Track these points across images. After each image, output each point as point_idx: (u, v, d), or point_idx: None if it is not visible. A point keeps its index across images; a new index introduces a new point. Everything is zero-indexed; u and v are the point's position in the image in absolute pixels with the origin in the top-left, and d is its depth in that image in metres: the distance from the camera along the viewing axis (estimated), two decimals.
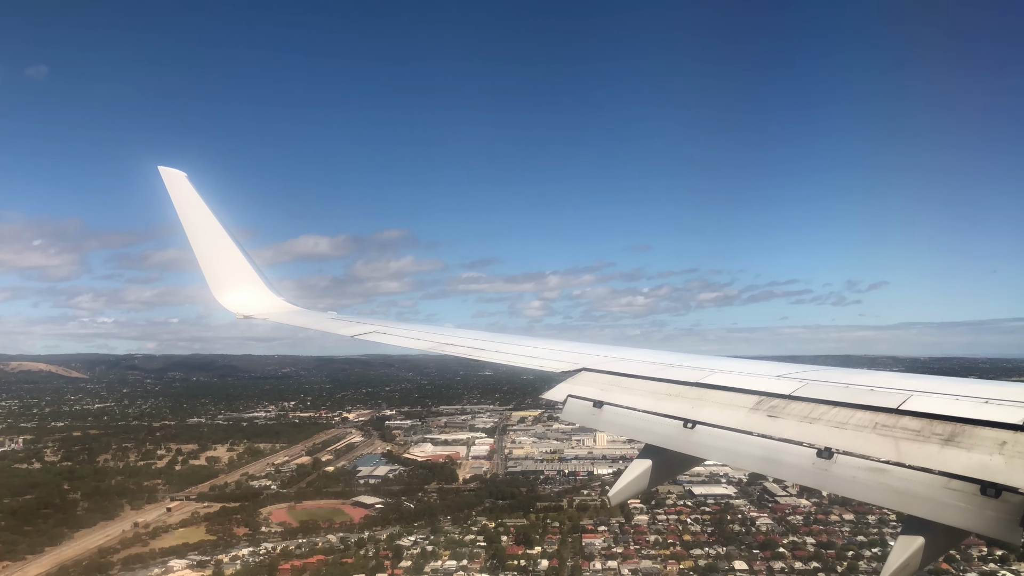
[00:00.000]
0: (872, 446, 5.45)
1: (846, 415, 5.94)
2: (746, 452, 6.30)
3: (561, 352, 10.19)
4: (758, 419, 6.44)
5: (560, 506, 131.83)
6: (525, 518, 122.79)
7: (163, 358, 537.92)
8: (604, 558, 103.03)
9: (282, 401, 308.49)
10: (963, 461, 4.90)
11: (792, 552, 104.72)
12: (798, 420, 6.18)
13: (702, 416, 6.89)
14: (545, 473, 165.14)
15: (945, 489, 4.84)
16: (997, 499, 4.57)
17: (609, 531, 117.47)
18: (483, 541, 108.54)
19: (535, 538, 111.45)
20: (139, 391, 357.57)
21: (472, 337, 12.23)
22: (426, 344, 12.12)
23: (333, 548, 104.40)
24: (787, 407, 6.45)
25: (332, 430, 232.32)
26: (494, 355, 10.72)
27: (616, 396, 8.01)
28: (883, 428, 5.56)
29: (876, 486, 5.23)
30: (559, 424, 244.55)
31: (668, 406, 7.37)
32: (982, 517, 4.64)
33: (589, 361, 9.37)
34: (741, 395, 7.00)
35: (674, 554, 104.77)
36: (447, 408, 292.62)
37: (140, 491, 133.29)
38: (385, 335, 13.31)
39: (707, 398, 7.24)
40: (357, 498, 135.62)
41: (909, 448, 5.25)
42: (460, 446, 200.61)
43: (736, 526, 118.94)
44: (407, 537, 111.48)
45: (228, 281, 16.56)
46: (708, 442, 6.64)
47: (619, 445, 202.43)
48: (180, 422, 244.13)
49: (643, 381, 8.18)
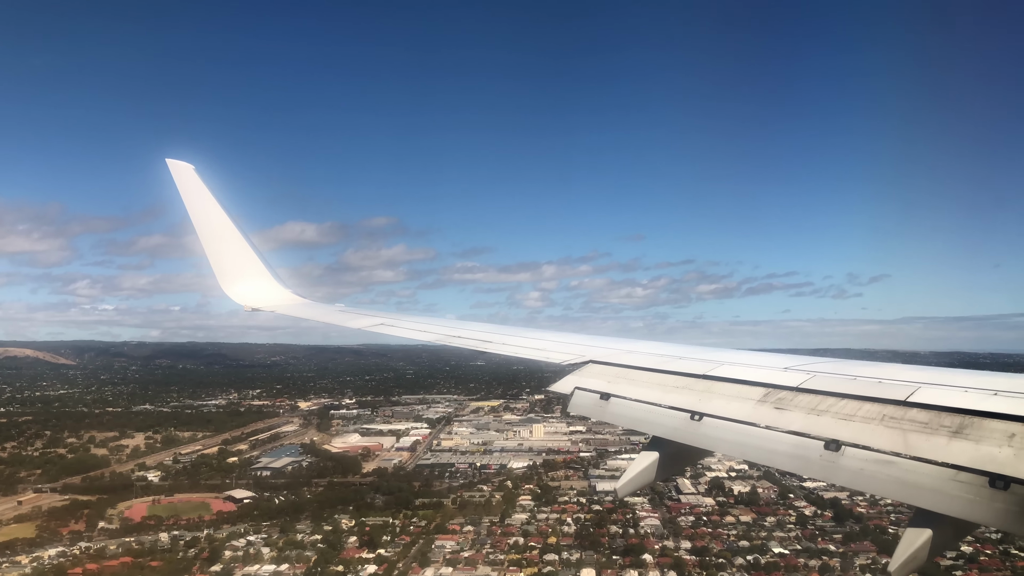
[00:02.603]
0: (880, 438, 5.40)
1: (854, 407, 5.90)
2: (753, 444, 6.21)
3: (567, 344, 10.13)
4: (765, 411, 6.38)
5: (441, 503, 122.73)
6: (393, 516, 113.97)
7: (153, 345, 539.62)
8: (446, 563, 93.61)
9: (248, 389, 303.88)
10: (971, 453, 4.85)
11: (658, 559, 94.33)
12: (805, 412, 6.12)
13: (709, 408, 6.81)
14: (456, 466, 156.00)
15: (953, 481, 4.79)
16: (1006, 491, 4.50)
17: (475, 531, 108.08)
18: (324, 543, 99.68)
19: (384, 540, 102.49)
20: (117, 378, 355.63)
21: (478, 329, 12.25)
22: (432, 336, 12.24)
23: (155, 548, 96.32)
24: (794, 399, 6.40)
25: (274, 419, 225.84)
26: (500, 347, 10.74)
27: (623, 388, 7.91)
28: (891, 420, 5.52)
29: (884, 478, 5.18)
30: (510, 415, 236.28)
31: (675, 398, 7.26)
32: (991, 509, 4.57)
33: (596, 353, 9.27)
34: (748, 387, 6.95)
35: (525, 559, 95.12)
36: (410, 398, 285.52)
37: (1, 481, 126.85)
38: (393, 327, 13.39)
39: (714, 390, 7.17)
40: (231, 492, 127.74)
41: (917, 440, 5.19)
42: (390, 437, 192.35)
43: (615, 527, 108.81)
44: (247, 536, 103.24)
45: (236, 273, 16.48)
46: (715, 434, 6.56)
47: (556, 437, 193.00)
48: (126, 409, 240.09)
49: (650, 373, 8.13)
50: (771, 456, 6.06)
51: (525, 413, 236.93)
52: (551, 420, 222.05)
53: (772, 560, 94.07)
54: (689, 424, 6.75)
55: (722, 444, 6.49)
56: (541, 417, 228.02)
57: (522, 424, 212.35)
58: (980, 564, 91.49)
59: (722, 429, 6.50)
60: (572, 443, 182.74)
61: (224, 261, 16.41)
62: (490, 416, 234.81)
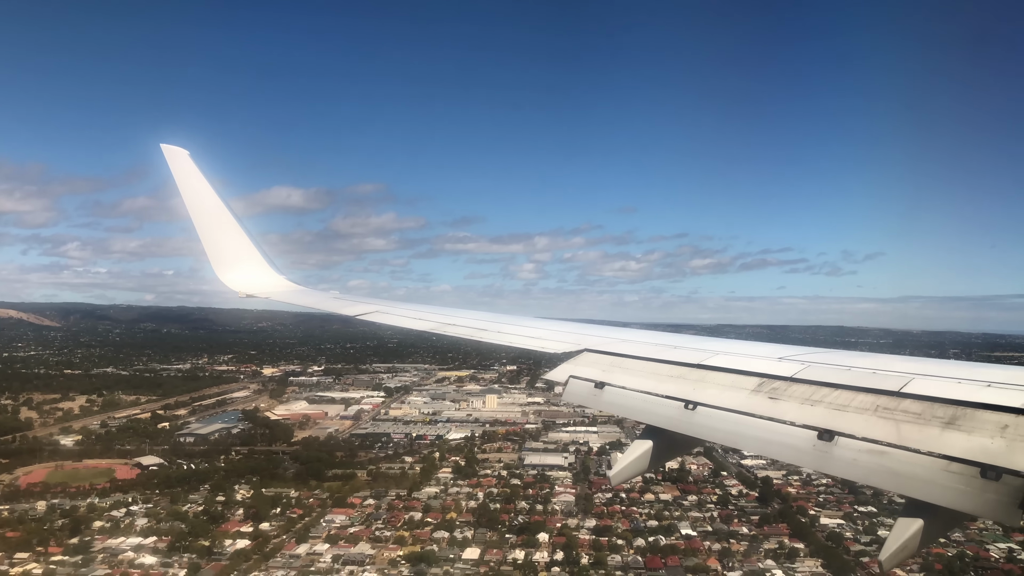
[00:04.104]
0: (873, 429, 5.39)
1: (847, 397, 5.91)
2: (747, 434, 6.21)
3: (563, 333, 10.15)
4: (759, 401, 6.38)
5: (355, 474, 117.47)
6: (297, 488, 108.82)
7: (140, 309, 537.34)
8: (326, 540, 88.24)
9: (221, 354, 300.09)
10: (964, 444, 4.86)
11: (553, 539, 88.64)
12: (799, 402, 6.13)
13: (703, 398, 6.79)
14: (392, 436, 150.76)
15: (945, 472, 4.80)
16: (998, 482, 4.51)
17: (375, 505, 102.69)
18: (206, 515, 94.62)
19: (274, 513, 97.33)
20: (96, 341, 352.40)
21: (474, 318, 12.16)
22: (428, 324, 12.07)
23: (25, 518, 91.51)
24: (788, 389, 6.41)
25: (231, 384, 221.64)
26: (496, 336, 10.76)
27: (618, 377, 7.90)
28: (884, 411, 5.52)
29: (876, 468, 5.18)
30: (474, 385, 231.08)
31: (669, 387, 7.25)
32: (982, 500, 4.58)
33: (591, 342, 9.21)
34: (742, 377, 6.95)
35: (414, 536, 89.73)
36: (380, 366, 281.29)
37: None
38: (388, 315, 13.18)
39: (708, 380, 7.16)
40: (140, 459, 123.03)
41: (910, 431, 5.22)
42: (339, 405, 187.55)
43: (526, 503, 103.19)
44: (133, 506, 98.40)
45: (230, 259, 16.37)
46: (709, 423, 6.54)
47: (510, 408, 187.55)
48: (85, 372, 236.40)
49: (645, 362, 8.11)
50: (765, 446, 6.03)
51: (489, 384, 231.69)
52: (513, 391, 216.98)
53: (674, 542, 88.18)
54: (683, 413, 6.73)
55: (716, 433, 6.51)
56: (504, 388, 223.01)
57: (482, 394, 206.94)
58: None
59: (716, 419, 6.49)
60: (523, 415, 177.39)
61: (219, 247, 16.32)
62: (453, 386, 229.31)
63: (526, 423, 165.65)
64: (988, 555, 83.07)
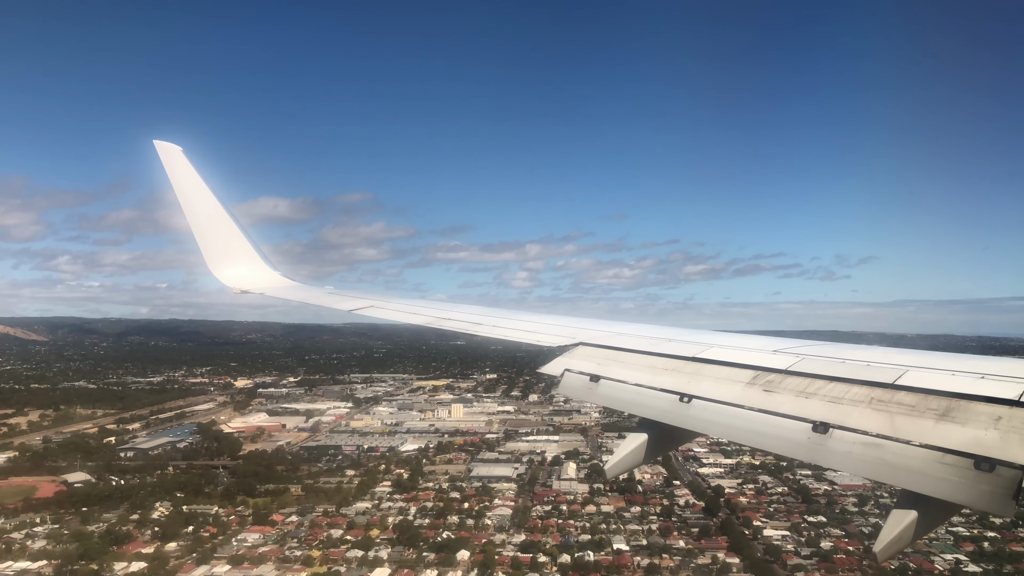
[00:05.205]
0: (867, 421, 5.36)
1: (842, 390, 5.86)
2: (742, 426, 6.15)
3: (558, 327, 9.97)
4: (754, 393, 6.32)
5: (287, 489, 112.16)
6: (221, 505, 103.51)
7: (128, 323, 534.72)
8: (230, 561, 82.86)
9: (200, 367, 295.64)
10: (958, 436, 4.83)
11: (473, 557, 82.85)
12: (794, 395, 6.08)
13: (698, 390, 6.72)
14: (343, 449, 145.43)
15: (939, 463, 4.78)
16: (991, 473, 4.51)
17: (298, 522, 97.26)
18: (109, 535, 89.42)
19: (186, 532, 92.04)
20: (79, 355, 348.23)
21: (469, 312, 12.00)
22: (422, 319, 11.86)
23: None
24: (783, 382, 6.34)
25: (198, 397, 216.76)
26: (492, 330, 10.54)
27: (613, 370, 7.78)
28: (879, 403, 5.48)
29: (871, 460, 5.15)
30: (447, 395, 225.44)
31: (664, 380, 7.14)
32: (976, 491, 4.55)
33: (586, 336, 9.13)
34: (737, 369, 6.85)
35: (328, 555, 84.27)
36: (357, 376, 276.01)
37: None
38: (382, 309, 13.04)
39: (703, 372, 7.06)
40: (67, 476, 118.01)
41: (904, 423, 5.17)
42: (300, 417, 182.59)
43: (457, 517, 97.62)
44: (39, 527, 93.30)
45: (225, 256, 16.29)
46: (704, 416, 6.46)
47: (476, 417, 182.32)
48: (53, 386, 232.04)
49: (640, 356, 7.97)
50: (759, 438, 6.01)
51: (463, 393, 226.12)
52: (486, 400, 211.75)
53: (602, 558, 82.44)
54: (678, 406, 6.67)
55: (711, 426, 6.44)
56: (476, 397, 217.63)
57: (452, 404, 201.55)
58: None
59: (711, 411, 6.43)
60: (487, 424, 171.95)
61: (213, 243, 16.14)
62: (425, 396, 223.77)
63: (487, 433, 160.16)
64: (933, 567, 77.13)
